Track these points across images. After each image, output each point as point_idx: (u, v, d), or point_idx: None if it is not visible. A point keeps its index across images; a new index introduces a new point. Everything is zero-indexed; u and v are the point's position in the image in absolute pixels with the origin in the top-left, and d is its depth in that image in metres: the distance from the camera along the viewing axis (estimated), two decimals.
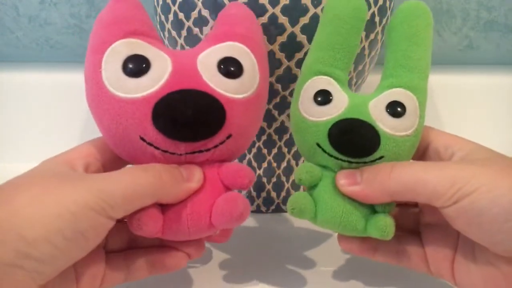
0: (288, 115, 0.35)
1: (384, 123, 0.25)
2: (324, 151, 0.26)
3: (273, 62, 0.32)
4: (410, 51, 0.26)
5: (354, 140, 0.25)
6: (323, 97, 0.26)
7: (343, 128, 0.25)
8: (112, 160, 0.26)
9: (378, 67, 0.34)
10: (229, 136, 0.25)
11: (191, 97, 0.23)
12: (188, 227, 0.24)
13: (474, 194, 0.22)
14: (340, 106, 0.26)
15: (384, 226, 0.25)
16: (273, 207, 0.40)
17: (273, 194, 0.39)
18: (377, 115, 0.25)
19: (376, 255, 0.28)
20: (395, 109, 0.25)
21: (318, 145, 0.26)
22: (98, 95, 0.24)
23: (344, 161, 0.26)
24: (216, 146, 0.25)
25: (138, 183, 0.22)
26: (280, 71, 0.33)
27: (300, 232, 0.37)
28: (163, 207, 0.24)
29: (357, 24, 0.27)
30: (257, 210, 0.40)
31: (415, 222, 0.29)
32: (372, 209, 0.26)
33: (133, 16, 0.25)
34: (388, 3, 0.34)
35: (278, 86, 0.33)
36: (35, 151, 0.49)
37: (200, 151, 0.25)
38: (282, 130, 0.36)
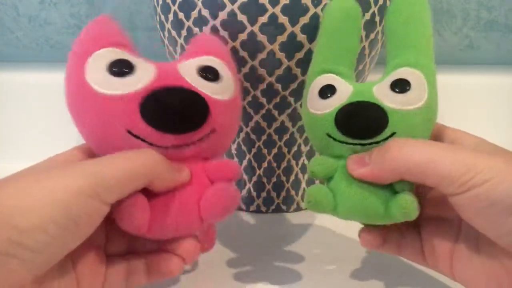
0: (288, 115, 0.35)
1: (390, 100, 0.25)
2: (335, 139, 0.26)
3: (273, 62, 0.32)
4: (408, 32, 0.27)
5: (360, 121, 0.25)
6: (327, 91, 0.26)
7: (347, 111, 0.25)
8: None
9: (378, 67, 0.34)
10: (212, 131, 0.26)
11: (177, 92, 0.24)
12: (176, 221, 0.24)
13: (488, 183, 0.21)
14: (344, 95, 0.26)
15: (405, 203, 0.24)
16: (273, 207, 0.40)
17: (273, 194, 0.39)
18: (381, 94, 0.25)
19: (382, 247, 0.28)
20: (399, 85, 0.25)
21: (328, 135, 0.26)
22: (80, 93, 0.25)
23: (356, 144, 0.25)
24: (201, 139, 0.25)
25: (132, 164, 0.22)
26: (280, 71, 0.33)
27: (300, 232, 0.37)
28: (150, 201, 0.24)
29: (352, 25, 0.28)
30: (257, 210, 0.40)
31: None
32: (392, 191, 0.25)
33: (114, 30, 0.26)
34: (388, 2, 0.34)
35: (278, 86, 0.33)
36: (35, 151, 0.49)
37: (186, 145, 0.25)
38: (282, 130, 0.36)
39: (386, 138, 0.25)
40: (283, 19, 0.30)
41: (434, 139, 0.27)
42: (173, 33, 0.34)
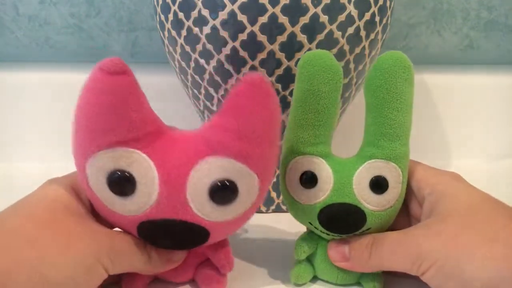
0: (288, 115, 0.35)
1: (369, 202, 0.27)
2: (317, 228, 0.28)
3: (273, 62, 0.32)
4: (391, 118, 0.26)
5: (343, 223, 0.28)
6: (308, 180, 0.27)
7: (331, 214, 0.27)
8: None
9: None
10: (211, 240, 0.26)
11: (172, 229, 0.24)
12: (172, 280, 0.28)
13: (431, 270, 0.24)
14: (325, 187, 0.27)
15: (374, 285, 0.29)
16: (273, 207, 0.40)
17: (273, 194, 0.39)
18: (361, 194, 0.27)
19: None
20: (378, 186, 0.27)
21: (310, 224, 0.29)
22: (88, 193, 0.25)
23: (335, 235, 0.29)
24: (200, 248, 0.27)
25: (134, 253, 0.25)
26: (280, 71, 0.33)
27: (300, 232, 0.37)
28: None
29: (335, 93, 0.27)
30: (257, 210, 0.40)
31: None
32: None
33: (121, 118, 0.22)
34: (388, 2, 0.34)
35: (278, 86, 0.33)
36: (35, 151, 0.49)
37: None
38: (282, 130, 0.36)
39: (362, 232, 0.28)
40: (283, 19, 0.30)
41: (409, 181, 0.29)
42: (173, 33, 0.34)
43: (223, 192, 0.23)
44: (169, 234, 0.24)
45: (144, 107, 0.23)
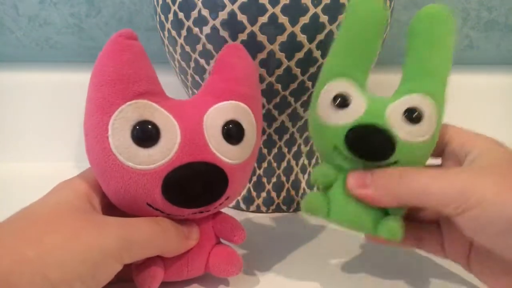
0: (288, 115, 0.35)
1: (400, 129, 0.25)
2: (342, 153, 0.27)
3: (273, 62, 0.32)
4: (430, 57, 0.26)
5: (369, 146, 0.26)
6: (341, 100, 0.26)
7: (359, 134, 0.26)
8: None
9: (378, 66, 0.34)
10: (227, 198, 0.27)
11: (200, 172, 0.25)
12: (186, 276, 0.28)
13: (479, 207, 0.22)
14: (358, 110, 0.26)
15: (393, 229, 0.26)
16: (273, 207, 0.40)
17: (273, 194, 0.39)
18: (393, 120, 0.26)
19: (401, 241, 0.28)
20: (412, 115, 0.26)
21: (335, 147, 0.27)
22: (105, 161, 0.24)
23: (359, 163, 0.26)
24: (215, 207, 0.27)
25: (153, 235, 0.25)
26: (280, 71, 0.33)
27: (300, 231, 0.37)
28: (163, 259, 0.27)
29: (378, 29, 0.27)
30: (257, 210, 0.40)
31: (436, 213, 0.29)
32: (383, 210, 0.27)
33: (140, 72, 0.25)
34: (388, 2, 0.34)
35: (278, 86, 0.33)
36: (35, 151, 0.49)
37: (201, 212, 0.27)
38: (282, 130, 0.36)
39: (389, 164, 0.26)
40: (283, 19, 0.30)
41: (447, 144, 0.27)
42: (173, 33, 0.34)
43: (233, 129, 0.26)
44: (196, 177, 0.25)
45: (155, 72, 0.26)
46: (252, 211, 0.40)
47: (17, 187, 0.43)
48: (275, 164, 0.38)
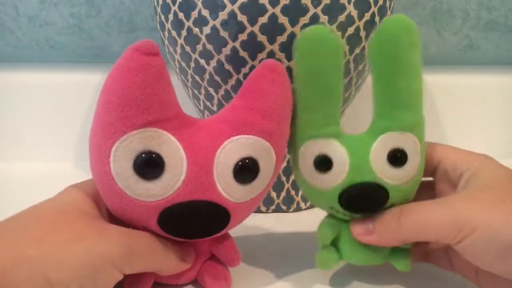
0: None
1: (389, 177, 0.26)
2: (339, 211, 0.27)
3: None
4: (401, 86, 0.25)
5: (366, 203, 0.26)
6: (323, 164, 0.26)
7: (351, 195, 0.26)
8: None
9: None
10: (228, 228, 0.26)
11: (199, 212, 0.24)
12: (176, 283, 0.28)
13: (474, 234, 0.23)
14: (342, 169, 0.26)
15: (403, 266, 0.28)
16: (273, 207, 0.40)
17: (273, 194, 0.39)
18: (380, 171, 0.26)
19: None
20: (396, 159, 0.26)
21: (332, 208, 0.27)
22: (104, 183, 0.24)
23: (358, 215, 0.27)
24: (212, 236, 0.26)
25: (154, 249, 0.25)
26: None
27: (300, 232, 0.37)
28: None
29: (338, 68, 0.25)
30: (257, 210, 0.40)
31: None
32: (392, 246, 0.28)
33: (153, 98, 0.22)
34: (388, 3, 0.34)
35: None
36: (35, 151, 0.49)
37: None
38: None
39: (385, 209, 0.27)
40: (283, 19, 0.30)
41: (439, 164, 0.28)
42: (173, 33, 0.34)
43: (247, 169, 0.24)
44: (195, 217, 0.24)
45: (172, 90, 0.23)
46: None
47: (17, 187, 0.43)
48: None
